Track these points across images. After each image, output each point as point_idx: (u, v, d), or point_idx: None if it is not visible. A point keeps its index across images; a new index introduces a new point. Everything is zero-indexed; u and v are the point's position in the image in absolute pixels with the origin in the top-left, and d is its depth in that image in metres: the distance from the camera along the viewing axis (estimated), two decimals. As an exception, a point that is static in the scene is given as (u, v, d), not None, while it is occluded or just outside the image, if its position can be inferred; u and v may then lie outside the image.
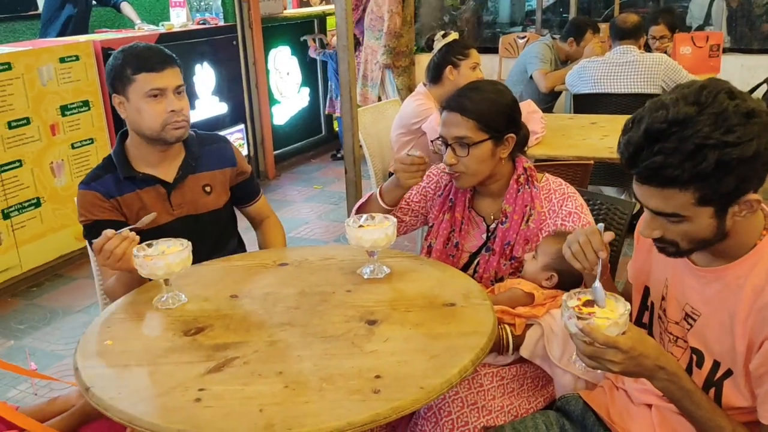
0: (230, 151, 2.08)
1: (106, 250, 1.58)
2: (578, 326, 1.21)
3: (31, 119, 3.69)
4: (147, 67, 1.83)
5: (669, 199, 1.18)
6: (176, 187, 1.96)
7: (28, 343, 3.19)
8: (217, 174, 2.03)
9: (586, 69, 3.91)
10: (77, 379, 1.30)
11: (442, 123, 1.83)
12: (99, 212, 1.89)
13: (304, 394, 1.21)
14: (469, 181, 1.82)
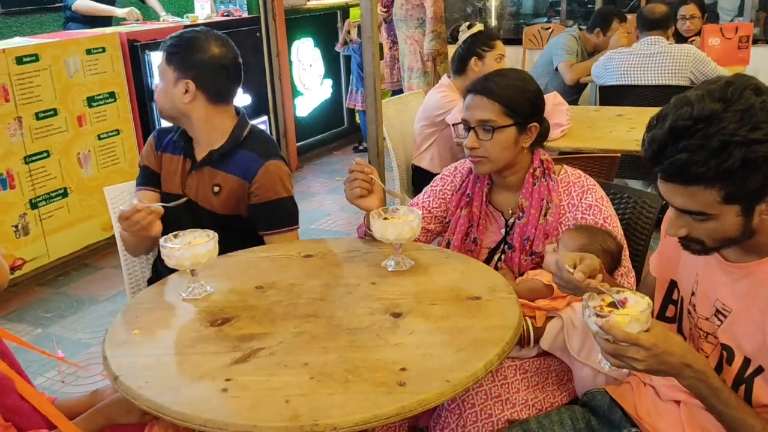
0: (254, 168, 1.94)
1: (133, 221, 1.72)
2: (598, 324, 1.20)
3: (58, 110, 3.74)
4: None
5: (694, 197, 1.16)
6: (196, 169, 1.99)
7: (55, 331, 3.24)
8: (230, 179, 1.96)
9: (612, 60, 3.86)
10: (106, 368, 1.31)
11: (466, 106, 1.81)
12: (147, 157, 2.09)
13: (330, 385, 1.21)
14: (489, 167, 1.80)
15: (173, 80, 1.93)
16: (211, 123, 1.98)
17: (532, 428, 1.50)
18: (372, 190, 1.76)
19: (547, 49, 4.68)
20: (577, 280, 1.34)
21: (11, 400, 1.37)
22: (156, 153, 2.07)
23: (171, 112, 1.97)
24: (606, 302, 1.27)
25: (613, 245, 1.65)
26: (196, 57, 1.92)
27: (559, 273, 1.39)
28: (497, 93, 1.76)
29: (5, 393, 1.36)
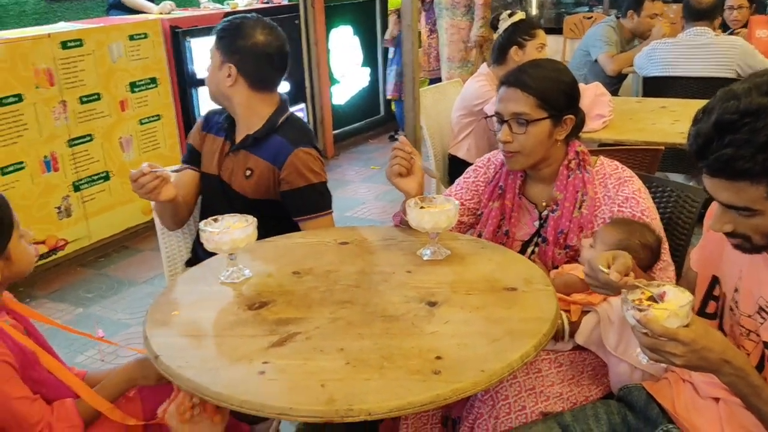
0: (285, 154, 1.95)
1: (139, 183, 1.81)
2: (636, 318, 1.18)
3: (101, 95, 3.81)
4: None
5: (740, 192, 1.14)
6: (233, 151, 2.04)
7: (96, 311, 3.32)
8: (261, 164, 1.98)
9: (656, 51, 3.77)
10: (146, 347, 1.34)
11: (500, 99, 1.79)
12: (192, 136, 2.17)
13: (365, 371, 1.22)
14: (522, 162, 1.78)
15: (219, 63, 1.99)
16: (251, 108, 2.01)
17: (567, 421, 1.49)
18: (411, 171, 1.76)
19: (584, 41, 4.59)
20: (613, 281, 1.31)
21: (37, 373, 1.43)
22: (201, 133, 2.14)
23: (215, 94, 2.04)
24: (646, 296, 1.25)
25: (652, 239, 1.62)
26: (240, 43, 1.95)
27: (593, 274, 1.38)
28: (531, 85, 1.73)
29: (30, 366, 1.42)
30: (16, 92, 3.39)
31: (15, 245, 1.43)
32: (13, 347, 1.39)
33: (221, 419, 1.52)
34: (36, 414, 1.38)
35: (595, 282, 1.39)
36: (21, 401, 1.36)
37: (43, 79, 3.51)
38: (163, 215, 2.12)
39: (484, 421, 1.57)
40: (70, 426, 1.41)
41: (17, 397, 1.36)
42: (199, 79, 4.34)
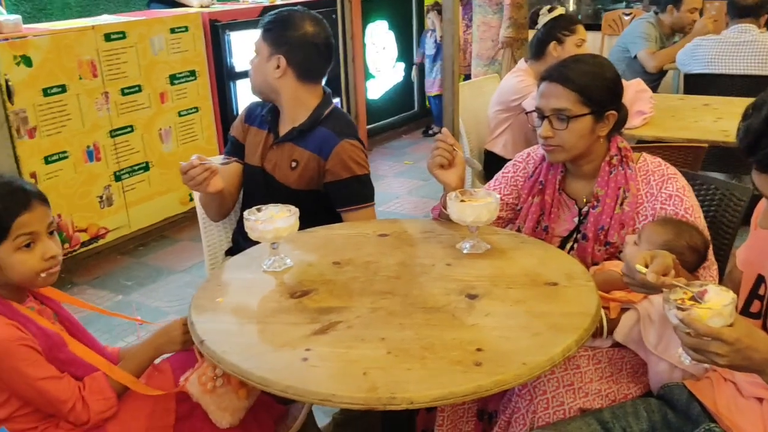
0: (331, 145, 1.98)
1: (189, 175, 1.82)
2: (678, 317, 1.17)
3: (142, 87, 3.88)
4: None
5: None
6: (277, 144, 2.06)
7: (135, 298, 3.39)
8: (307, 155, 2.00)
9: (699, 47, 3.71)
10: (192, 332, 1.37)
11: (541, 94, 1.77)
12: (235, 128, 2.18)
13: (407, 361, 1.23)
14: (563, 156, 1.77)
15: (267, 56, 2.00)
16: (298, 100, 2.03)
17: (606, 418, 1.48)
18: (453, 164, 1.76)
19: (623, 37, 4.53)
20: (650, 282, 1.30)
21: (64, 354, 1.48)
22: (244, 125, 2.16)
23: (262, 87, 2.05)
24: (688, 296, 1.23)
25: (700, 242, 1.60)
26: (289, 34, 1.98)
27: (630, 273, 1.36)
28: (573, 80, 1.71)
29: (57, 348, 1.47)
30: (60, 83, 3.47)
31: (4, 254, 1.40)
32: (36, 332, 1.43)
33: (246, 394, 1.55)
34: (64, 391, 1.42)
35: (633, 281, 1.37)
36: (47, 381, 1.40)
37: (86, 70, 3.59)
38: (209, 207, 2.14)
39: (522, 416, 1.58)
40: (103, 398, 1.46)
41: (42, 377, 1.40)
42: (237, 72, 4.39)
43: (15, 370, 1.38)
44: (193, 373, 1.51)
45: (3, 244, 1.40)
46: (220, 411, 1.52)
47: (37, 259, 1.43)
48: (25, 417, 1.44)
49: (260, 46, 2.02)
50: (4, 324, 1.39)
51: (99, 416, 1.45)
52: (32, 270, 1.44)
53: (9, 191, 1.41)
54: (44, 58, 3.39)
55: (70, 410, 1.42)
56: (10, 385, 1.40)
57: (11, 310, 1.43)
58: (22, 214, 1.41)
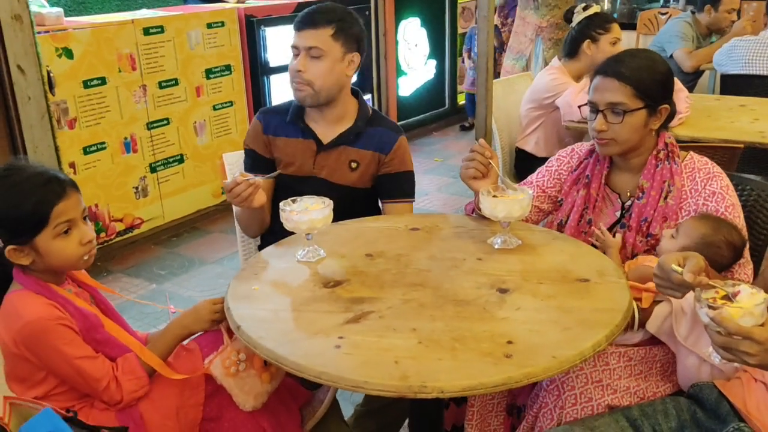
0: (392, 140, 2.03)
1: (234, 192, 1.76)
2: (710, 316, 1.17)
3: (179, 80, 3.95)
4: (295, 24, 1.94)
5: None
6: (326, 150, 2.02)
7: (168, 287, 3.47)
8: (368, 155, 2.02)
9: (736, 48, 3.66)
10: (228, 318, 1.41)
11: (595, 88, 1.79)
12: (253, 141, 2.08)
13: (438, 351, 1.25)
14: (616, 149, 1.78)
15: (340, 56, 1.92)
16: (349, 98, 2.04)
17: (635, 416, 1.48)
18: (486, 175, 1.78)
19: (658, 37, 4.49)
20: (687, 282, 1.29)
21: (100, 335, 1.53)
22: (265, 137, 2.06)
23: (331, 90, 1.95)
24: (720, 295, 1.23)
25: (737, 238, 1.60)
26: (357, 29, 1.96)
27: (664, 275, 1.35)
28: (628, 75, 1.73)
29: (94, 329, 1.52)
30: (100, 75, 3.56)
31: (45, 242, 1.44)
32: (74, 312, 1.48)
33: (269, 378, 1.59)
34: (99, 370, 1.47)
35: (666, 283, 1.36)
36: (83, 360, 1.45)
37: (125, 63, 3.67)
38: (250, 224, 2.07)
39: (549, 411, 1.59)
40: (135, 378, 1.51)
41: (79, 356, 1.45)
42: (271, 67, 4.45)
43: (53, 348, 1.43)
44: (217, 357, 1.56)
45: (43, 232, 1.44)
46: (243, 394, 1.56)
47: (75, 245, 1.48)
48: (62, 395, 1.49)
49: (330, 47, 1.90)
50: (44, 304, 1.45)
51: (131, 395, 1.50)
52: (72, 255, 1.48)
53: (44, 181, 1.45)
54: (85, 51, 3.47)
55: (105, 389, 1.47)
56: (48, 363, 1.45)
57: (50, 292, 1.48)
58: (59, 202, 1.45)
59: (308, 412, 1.77)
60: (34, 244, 1.44)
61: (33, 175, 1.45)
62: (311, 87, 1.92)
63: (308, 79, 1.91)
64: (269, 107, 2.16)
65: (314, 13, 1.92)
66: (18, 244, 1.43)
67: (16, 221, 1.42)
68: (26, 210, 1.42)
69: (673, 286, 1.34)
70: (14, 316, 1.43)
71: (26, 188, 1.43)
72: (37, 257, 1.45)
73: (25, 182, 1.43)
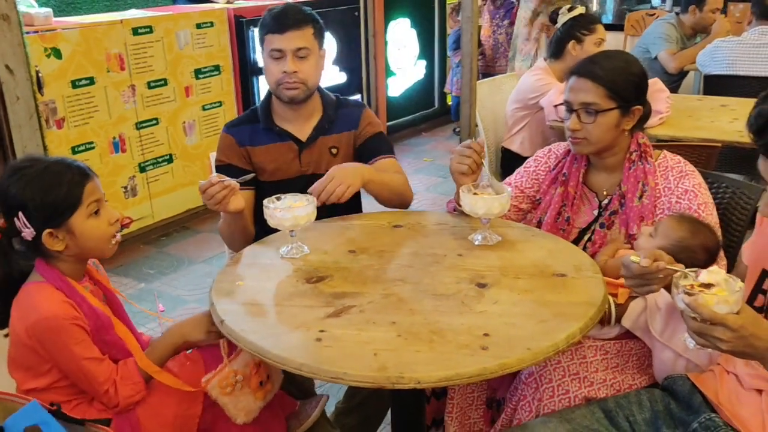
0: (357, 115, 2.13)
1: (209, 194, 1.76)
2: (685, 301, 1.21)
3: (168, 81, 3.97)
4: (273, 28, 1.95)
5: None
6: (308, 146, 2.06)
7: (157, 286, 3.49)
8: (343, 136, 2.10)
9: (719, 49, 3.71)
10: (212, 313, 1.44)
11: (570, 88, 1.83)
12: (230, 155, 2.06)
13: (416, 343, 1.28)
14: (589, 148, 1.82)
15: (318, 51, 2.01)
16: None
17: (610, 407, 1.52)
18: (476, 172, 1.82)
19: (644, 38, 4.53)
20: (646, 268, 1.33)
21: (109, 336, 1.55)
22: (241, 148, 2.05)
23: (316, 86, 2.04)
24: (698, 283, 1.26)
25: (713, 243, 1.63)
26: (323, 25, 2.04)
27: (628, 270, 1.39)
28: (601, 76, 1.77)
29: (104, 330, 1.54)
30: (89, 75, 3.58)
31: (80, 222, 1.48)
32: (88, 312, 1.51)
33: (263, 395, 1.62)
34: (103, 373, 1.49)
35: (631, 276, 1.40)
36: (90, 361, 1.48)
37: (114, 63, 3.68)
38: (233, 234, 2.01)
39: (528, 403, 1.62)
40: (132, 383, 1.52)
41: (87, 357, 1.48)
42: (260, 68, 4.44)
43: (64, 346, 1.45)
44: (215, 377, 1.57)
45: (77, 212, 1.48)
46: (236, 410, 1.58)
47: (106, 224, 1.53)
48: (62, 389, 1.52)
49: (313, 45, 1.98)
50: (62, 301, 1.47)
51: (126, 400, 1.52)
52: (104, 235, 1.53)
53: (67, 165, 1.49)
54: (74, 51, 3.49)
55: (105, 392, 1.50)
56: (56, 359, 1.47)
57: (69, 288, 1.50)
58: (88, 183, 1.50)
59: (295, 424, 1.79)
60: (69, 226, 1.47)
61: (54, 163, 1.49)
62: (305, 85, 1.97)
63: (303, 78, 1.96)
64: (233, 121, 2.15)
65: (292, 14, 1.97)
66: (53, 227, 1.46)
67: (52, 205, 1.45)
68: (61, 191, 1.46)
69: (640, 279, 1.38)
70: (31, 309, 1.46)
71: (55, 172, 1.47)
72: (72, 240, 1.48)
73: (50, 168, 1.47)
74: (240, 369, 1.58)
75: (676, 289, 1.24)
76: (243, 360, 1.59)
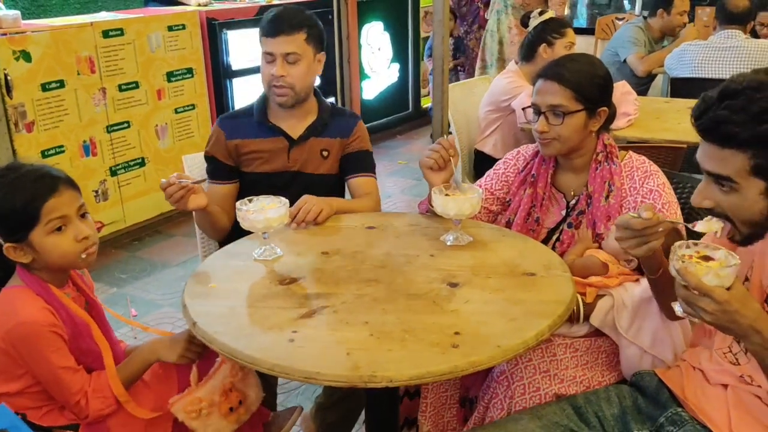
0: (352, 125, 2.17)
1: (167, 193, 1.83)
2: (676, 267, 1.22)
3: (139, 83, 3.94)
4: (266, 31, 2.00)
5: (725, 160, 1.23)
6: (298, 144, 2.10)
7: (129, 291, 3.45)
8: (335, 142, 2.14)
9: (686, 52, 3.79)
10: (185, 315, 1.44)
11: (537, 91, 1.85)
12: (215, 148, 2.12)
13: (388, 343, 1.29)
14: (558, 148, 1.84)
15: (313, 57, 2.03)
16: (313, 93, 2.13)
17: (579, 403, 1.54)
18: (444, 168, 1.84)
19: (612, 42, 4.60)
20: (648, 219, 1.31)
21: (86, 344, 1.54)
22: (229, 142, 2.09)
23: (308, 90, 2.07)
24: (699, 254, 1.26)
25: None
26: (321, 29, 2.06)
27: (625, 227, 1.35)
28: (568, 78, 1.80)
29: (81, 337, 1.53)
30: (58, 78, 3.53)
31: (39, 239, 1.45)
32: (66, 319, 1.49)
33: (235, 419, 1.61)
34: (77, 384, 1.48)
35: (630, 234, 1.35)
36: (65, 371, 1.47)
37: (84, 66, 3.64)
38: (202, 226, 2.14)
39: (500, 401, 1.64)
40: (102, 397, 1.51)
41: (62, 366, 1.46)
42: (234, 71, 4.45)
43: (40, 353, 1.44)
44: (181, 400, 1.56)
45: (35, 229, 1.44)
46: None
47: (70, 241, 1.48)
48: (34, 395, 1.50)
49: (305, 50, 2.00)
50: (42, 308, 1.46)
51: (96, 413, 1.50)
52: (67, 252, 1.48)
53: (36, 177, 1.46)
54: (43, 54, 3.44)
55: (76, 403, 1.48)
56: (31, 365, 1.46)
57: (49, 294, 1.49)
58: (50, 198, 1.45)
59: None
60: (29, 242, 1.45)
61: (26, 173, 1.46)
62: (293, 90, 2.01)
63: (290, 83, 2.00)
64: (229, 113, 2.22)
65: (285, 18, 1.99)
66: (14, 241, 1.45)
67: (7, 218, 1.43)
68: (17, 207, 1.43)
69: (638, 233, 1.35)
70: (10, 313, 1.44)
71: (18, 185, 1.44)
72: (35, 255, 1.46)
73: (17, 180, 1.44)
74: (206, 396, 1.57)
75: (673, 255, 1.25)
76: (210, 387, 1.59)
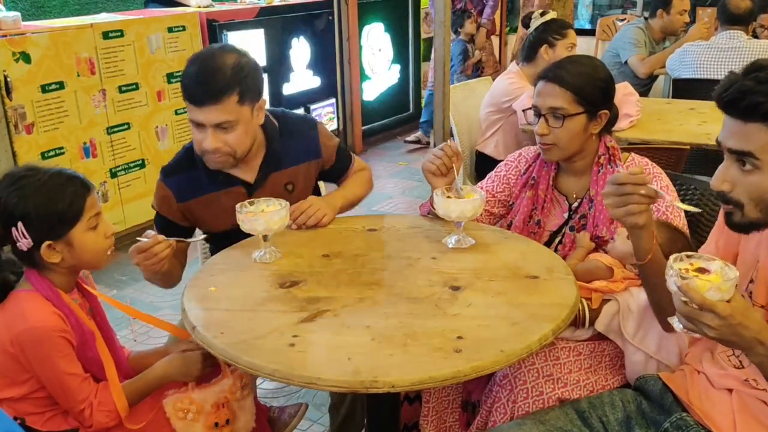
0: (315, 139, 1.96)
1: (152, 252, 1.64)
2: (677, 284, 1.20)
3: (139, 85, 3.93)
4: (188, 96, 1.74)
5: (749, 136, 1.22)
6: (258, 187, 1.89)
7: (129, 293, 3.44)
8: (301, 168, 1.95)
9: (688, 53, 3.78)
10: (184, 319, 1.42)
11: (537, 93, 1.84)
12: (166, 211, 1.92)
13: (390, 347, 1.28)
14: (558, 154, 1.83)
15: (250, 114, 1.77)
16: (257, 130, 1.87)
17: (583, 408, 1.53)
18: (446, 174, 1.83)
19: (613, 43, 4.59)
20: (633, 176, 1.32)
21: (92, 353, 1.52)
22: (180, 204, 1.89)
23: (250, 146, 1.82)
24: (694, 267, 1.25)
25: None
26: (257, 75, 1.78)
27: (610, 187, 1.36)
28: (568, 81, 1.78)
29: (88, 346, 1.51)
30: (58, 80, 3.52)
31: (79, 235, 1.46)
32: (75, 326, 1.48)
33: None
34: (83, 392, 1.47)
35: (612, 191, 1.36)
36: (72, 377, 1.46)
37: (84, 67, 3.63)
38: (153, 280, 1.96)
39: (502, 405, 1.63)
40: (107, 411, 1.50)
41: (70, 373, 1.45)
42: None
43: (48, 358, 1.43)
44: (174, 395, 1.57)
45: (78, 225, 1.47)
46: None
47: (102, 238, 1.52)
48: (38, 400, 1.48)
49: (239, 113, 1.72)
50: (52, 313, 1.45)
51: (100, 425, 1.49)
52: (101, 248, 1.52)
53: (69, 177, 1.48)
54: (43, 55, 3.43)
55: (80, 411, 1.47)
56: (38, 370, 1.44)
57: (59, 300, 1.48)
58: (89, 196, 1.49)
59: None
60: (69, 238, 1.46)
61: (55, 174, 1.48)
62: (232, 156, 1.78)
63: (228, 151, 1.76)
64: (171, 166, 1.93)
65: (211, 82, 1.69)
66: (53, 239, 1.44)
67: (54, 216, 1.44)
68: (64, 204, 1.44)
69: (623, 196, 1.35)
70: (19, 317, 1.43)
71: (56, 184, 1.45)
72: (69, 253, 1.47)
73: (51, 180, 1.45)
74: (198, 401, 1.57)
75: (671, 270, 1.23)
76: (206, 393, 1.59)
